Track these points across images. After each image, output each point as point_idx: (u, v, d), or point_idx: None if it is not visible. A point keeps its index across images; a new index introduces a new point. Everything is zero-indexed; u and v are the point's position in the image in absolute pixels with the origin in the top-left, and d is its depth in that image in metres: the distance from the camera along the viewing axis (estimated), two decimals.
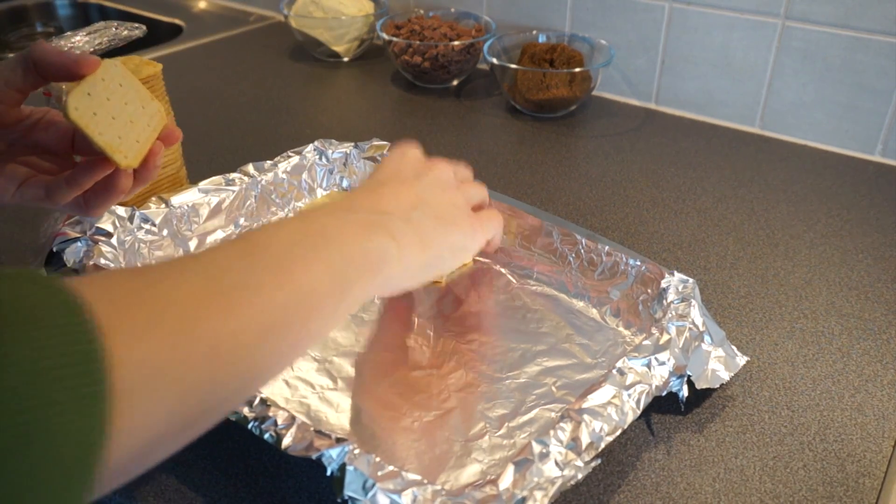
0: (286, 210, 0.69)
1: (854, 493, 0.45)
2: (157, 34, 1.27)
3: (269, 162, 0.68)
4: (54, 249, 0.54)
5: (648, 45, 0.94)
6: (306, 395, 0.50)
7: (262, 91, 1.00)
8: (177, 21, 1.27)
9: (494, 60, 0.91)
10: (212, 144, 0.86)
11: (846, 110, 0.84)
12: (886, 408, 0.51)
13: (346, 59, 1.11)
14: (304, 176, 0.70)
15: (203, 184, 0.64)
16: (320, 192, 0.71)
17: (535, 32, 0.99)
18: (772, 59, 0.86)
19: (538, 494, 0.39)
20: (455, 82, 1.02)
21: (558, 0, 0.98)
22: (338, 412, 0.49)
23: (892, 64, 0.79)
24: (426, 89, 1.01)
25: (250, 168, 0.67)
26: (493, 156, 0.84)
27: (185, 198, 0.62)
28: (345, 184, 0.72)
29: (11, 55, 0.53)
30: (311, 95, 1.00)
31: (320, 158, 0.71)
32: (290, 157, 0.70)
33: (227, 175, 0.66)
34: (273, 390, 0.50)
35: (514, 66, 0.91)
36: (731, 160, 0.84)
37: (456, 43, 0.96)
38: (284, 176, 0.68)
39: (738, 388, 0.52)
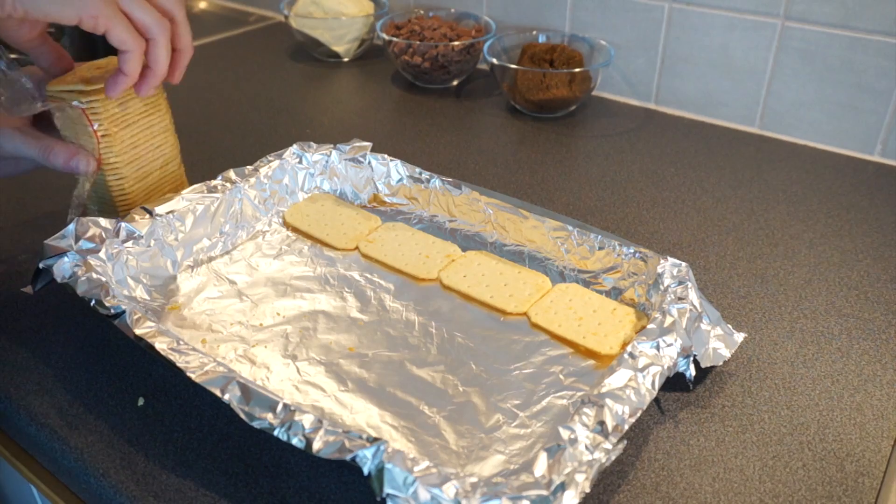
0: (269, 215, 0.68)
1: (853, 493, 0.45)
2: None
3: (249, 167, 0.68)
4: (41, 266, 0.54)
5: (648, 45, 0.94)
6: (318, 398, 0.50)
7: (262, 91, 1.01)
8: None
9: (494, 60, 0.91)
10: (212, 144, 0.86)
11: (846, 110, 0.84)
12: (885, 408, 0.51)
13: (346, 60, 1.11)
14: (286, 180, 0.70)
15: (186, 192, 0.63)
16: (301, 196, 0.71)
17: (535, 32, 0.99)
18: (771, 59, 0.86)
19: (579, 478, 0.39)
20: (455, 82, 1.02)
21: (558, 0, 0.98)
22: (352, 413, 0.49)
23: (892, 64, 0.79)
24: (426, 89, 1.01)
25: (231, 174, 0.66)
26: (493, 156, 0.84)
27: (169, 207, 0.61)
28: (326, 186, 0.72)
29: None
30: (311, 95, 1.00)
31: (300, 161, 0.71)
32: (270, 161, 0.69)
33: (209, 182, 0.65)
34: (284, 397, 0.50)
35: (514, 66, 0.91)
36: (731, 160, 0.84)
37: (456, 43, 0.96)
38: (266, 181, 0.68)
39: (737, 388, 0.52)
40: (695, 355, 0.50)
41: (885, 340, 0.57)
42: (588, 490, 0.39)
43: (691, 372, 0.49)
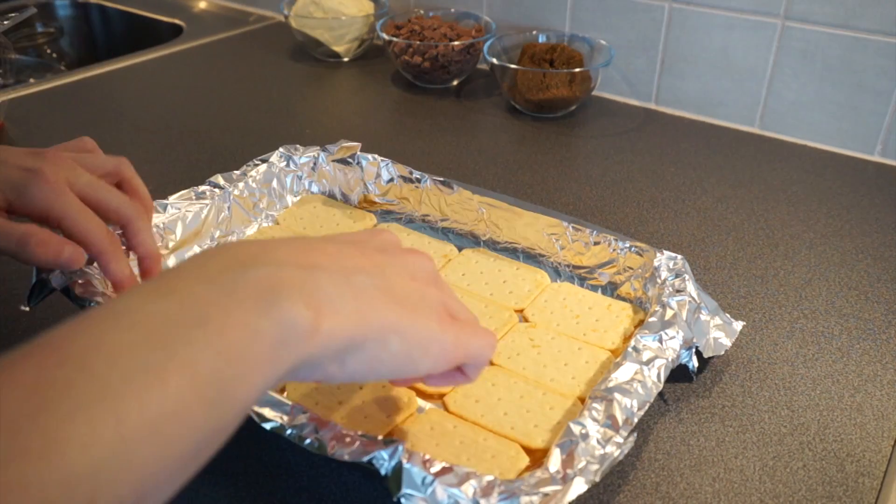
0: (259, 219, 0.67)
1: (853, 493, 0.45)
2: (157, 34, 1.27)
3: (237, 172, 0.67)
4: (35, 279, 0.53)
5: (648, 45, 0.94)
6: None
7: (262, 91, 1.01)
8: (177, 21, 1.27)
9: (494, 60, 0.91)
10: (212, 144, 0.86)
11: (846, 110, 0.84)
12: (886, 408, 0.51)
13: (346, 60, 1.11)
14: (274, 183, 0.69)
15: (173, 199, 0.62)
16: (290, 199, 0.70)
17: (535, 32, 0.99)
18: (771, 59, 0.86)
19: (593, 468, 0.39)
20: (455, 82, 1.02)
21: (558, 0, 0.98)
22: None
23: (892, 64, 0.79)
24: (426, 89, 1.01)
25: (220, 179, 0.66)
26: (493, 156, 0.84)
27: (159, 217, 0.61)
28: (314, 189, 0.71)
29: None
30: (311, 95, 1.00)
31: (288, 164, 0.70)
32: (257, 164, 0.68)
33: (197, 188, 0.64)
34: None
35: (514, 66, 0.91)
36: (731, 160, 0.84)
37: (456, 43, 0.96)
38: (255, 185, 0.67)
39: (737, 388, 0.52)
40: (696, 346, 0.51)
41: (886, 340, 0.57)
42: (598, 479, 0.39)
43: (694, 363, 0.50)
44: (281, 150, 0.70)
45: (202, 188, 0.65)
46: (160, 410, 0.25)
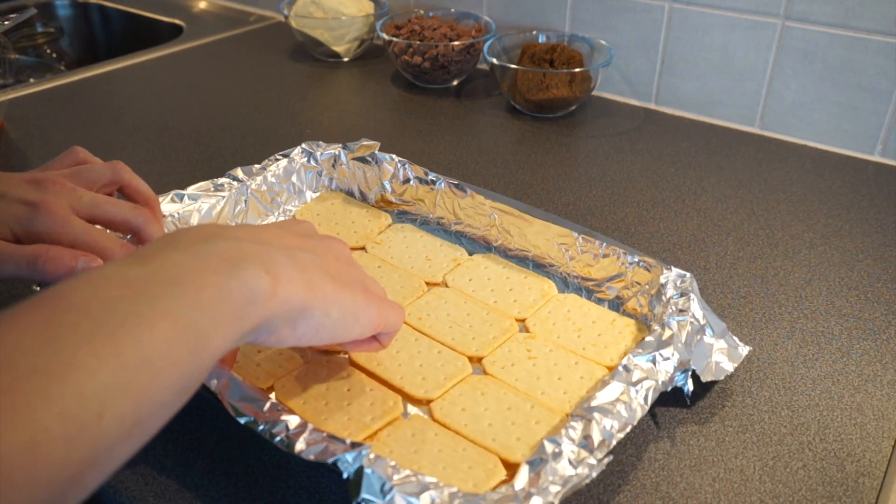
0: (276, 213, 0.68)
1: (854, 493, 0.45)
2: (157, 34, 1.27)
3: (257, 165, 0.68)
4: None
5: (648, 45, 0.94)
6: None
7: (262, 91, 1.01)
8: (177, 21, 1.27)
9: (494, 60, 0.91)
10: (212, 144, 0.86)
11: (846, 110, 0.84)
12: (886, 408, 0.51)
13: (346, 60, 1.11)
14: (294, 178, 0.69)
15: (191, 189, 0.63)
16: (309, 195, 0.70)
17: (535, 32, 0.99)
18: (771, 59, 0.86)
19: (553, 489, 0.39)
20: (455, 82, 1.02)
21: (558, 0, 0.98)
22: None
23: (892, 64, 0.79)
24: (426, 89, 1.01)
25: (239, 172, 0.66)
26: (493, 156, 0.84)
27: (175, 206, 0.61)
28: (333, 185, 0.71)
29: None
30: (311, 95, 1.00)
31: (308, 160, 0.70)
32: (278, 159, 0.69)
33: (216, 180, 0.65)
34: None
35: (514, 66, 0.91)
36: (731, 160, 0.84)
37: (456, 43, 0.96)
38: (274, 179, 0.67)
39: (737, 388, 0.52)
40: (693, 370, 0.49)
41: (886, 340, 0.57)
42: (556, 502, 0.38)
43: (689, 387, 0.48)
44: (303, 145, 0.71)
45: (221, 180, 0.65)
46: (151, 348, 0.30)
